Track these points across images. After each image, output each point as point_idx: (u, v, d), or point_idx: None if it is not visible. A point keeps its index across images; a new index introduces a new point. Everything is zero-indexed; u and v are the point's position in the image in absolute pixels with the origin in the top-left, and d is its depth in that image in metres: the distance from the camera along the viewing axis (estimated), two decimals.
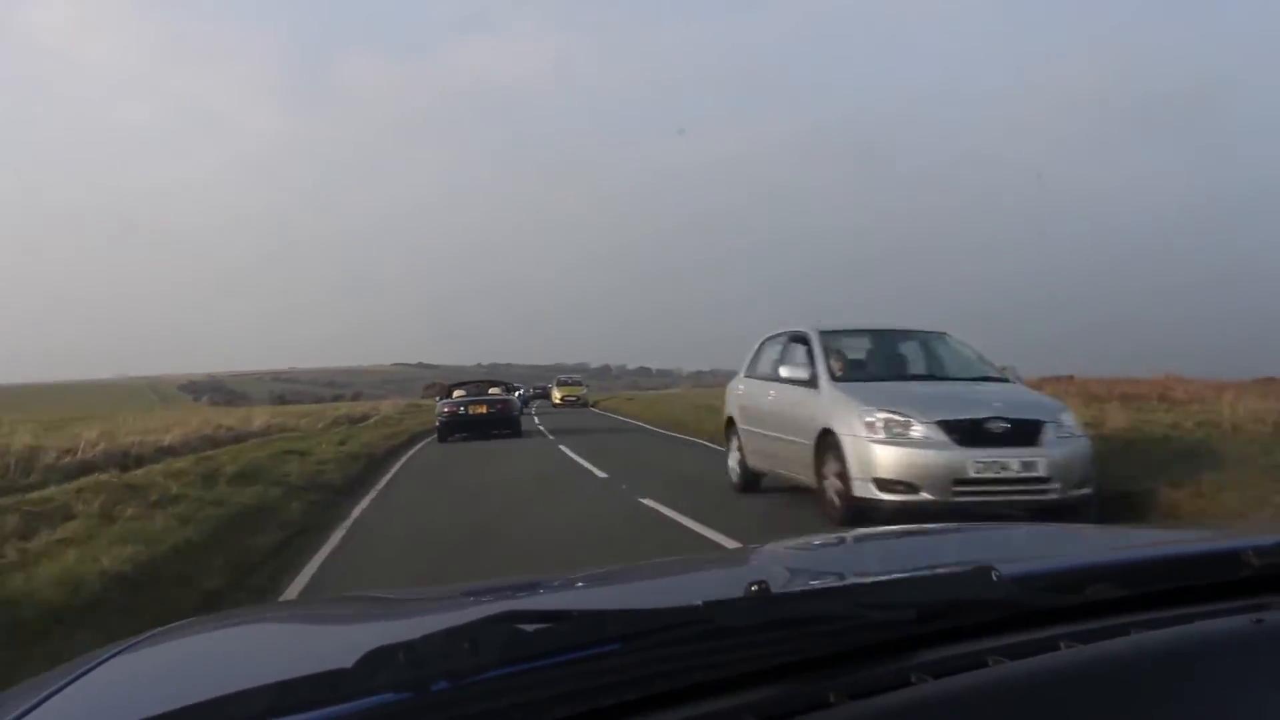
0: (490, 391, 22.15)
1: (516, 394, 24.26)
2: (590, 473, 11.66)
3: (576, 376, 46.32)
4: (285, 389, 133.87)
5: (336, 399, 76.09)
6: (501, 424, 19.77)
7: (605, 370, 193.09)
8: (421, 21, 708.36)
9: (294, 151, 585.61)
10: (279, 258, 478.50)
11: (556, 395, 41.66)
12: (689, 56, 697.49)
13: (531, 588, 1.43)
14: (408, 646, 0.70)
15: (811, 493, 7.12)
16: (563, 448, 15.41)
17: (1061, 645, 0.87)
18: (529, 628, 0.75)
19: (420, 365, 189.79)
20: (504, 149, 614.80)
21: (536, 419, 26.75)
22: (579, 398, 40.68)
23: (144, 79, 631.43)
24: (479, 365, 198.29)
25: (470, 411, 19.76)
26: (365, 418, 28.12)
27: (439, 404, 20.94)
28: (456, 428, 19.51)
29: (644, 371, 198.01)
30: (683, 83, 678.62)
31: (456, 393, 21.79)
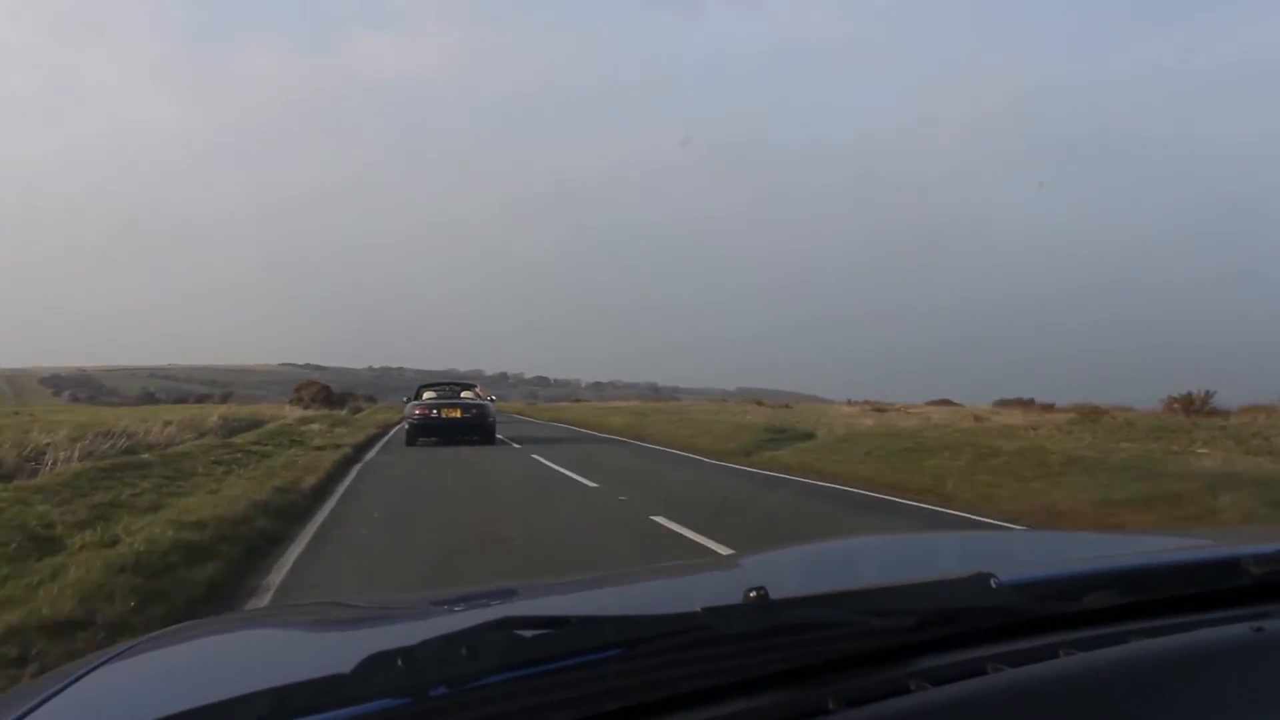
0: (463, 395, 20.38)
1: (491, 400, 21.04)
2: None
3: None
4: (160, 386, 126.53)
5: (201, 400, 70.41)
6: (475, 430, 18.52)
7: (502, 378, 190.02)
8: (314, 11, 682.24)
9: (180, 138, 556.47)
10: (164, 248, 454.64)
11: None
12: (589, 62, 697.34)
13: (530, 593, 1.41)
14: (406, 652, 0.70)
15: None
16: None
17: (1061, 653, 0.87)
18: (527, 633, 0.75)
19: (309, 366, 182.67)
20: (398, 147, 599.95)
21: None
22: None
23: (16, 51, 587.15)
24: (370, 368, 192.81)
25: (443, 415, 18.51)
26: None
27: (408, 406, 19.53)
28: (427, 431, 18.25)
29: (542, 381, 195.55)
30: (583, 89, 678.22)
31: (427, 394, 20.14)
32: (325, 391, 44.47)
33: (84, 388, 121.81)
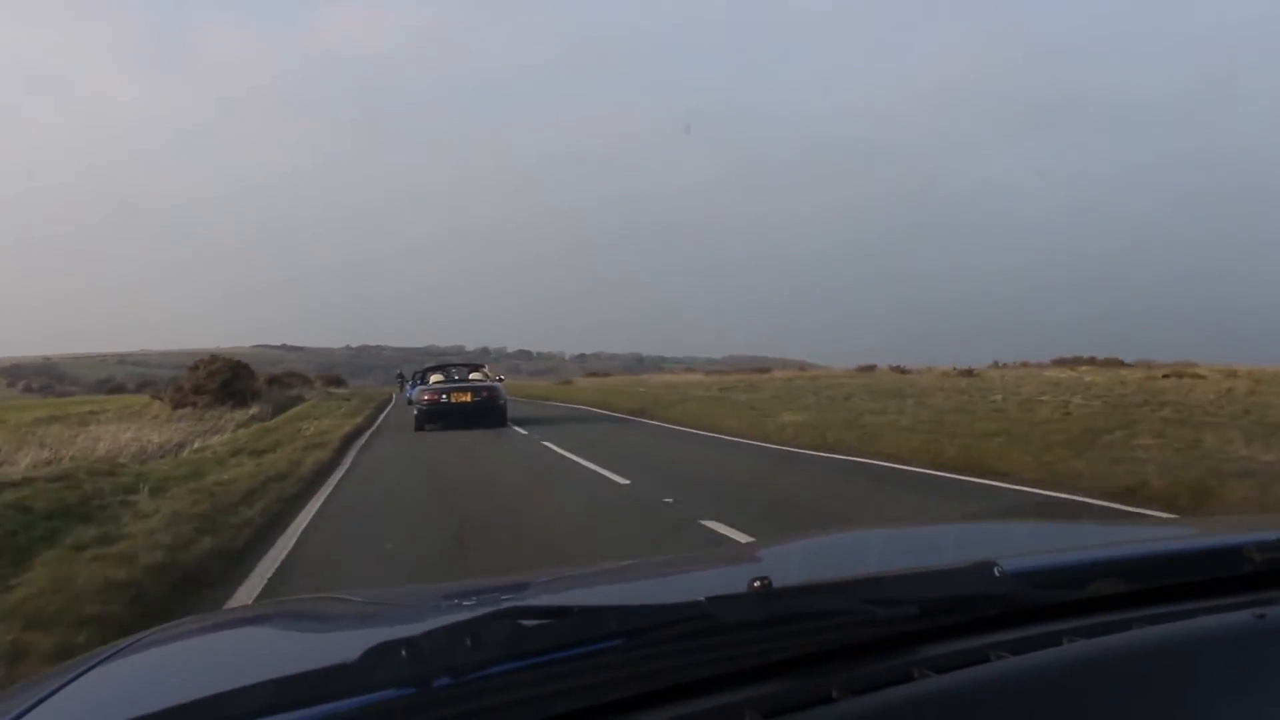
0: (471, 377, 19.64)
1: (499, 380, 20.12)
2: None
3: None
4: (130, 373, 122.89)
5: (141, 387, 63.23)
6: (486, 414, 17.67)
7: (484, 353, 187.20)
8: None
9: (150, 119, 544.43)
10: (137, 232, 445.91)
11: None
12: (561, 38, 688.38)
13: (532, 584, 1.42)
14: (409, 643, 0.70)
15: None
16: None
17: (1064, 640, 0.87)
18: (531, 624, 0.75)
19: (284, 347, 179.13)
20: (375, 125, 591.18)
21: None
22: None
23: None
24: (348, 347, 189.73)
25: (452, 399, 17.65)
26: None
27: (414, 391, 18.79)
28: (436, 417, 17.41)
29: (524, 355, 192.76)
30: (557, 65, 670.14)
31: (434, 378, 19.47)
32: (228, 373, 23.32)
33: (43, 377, 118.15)
